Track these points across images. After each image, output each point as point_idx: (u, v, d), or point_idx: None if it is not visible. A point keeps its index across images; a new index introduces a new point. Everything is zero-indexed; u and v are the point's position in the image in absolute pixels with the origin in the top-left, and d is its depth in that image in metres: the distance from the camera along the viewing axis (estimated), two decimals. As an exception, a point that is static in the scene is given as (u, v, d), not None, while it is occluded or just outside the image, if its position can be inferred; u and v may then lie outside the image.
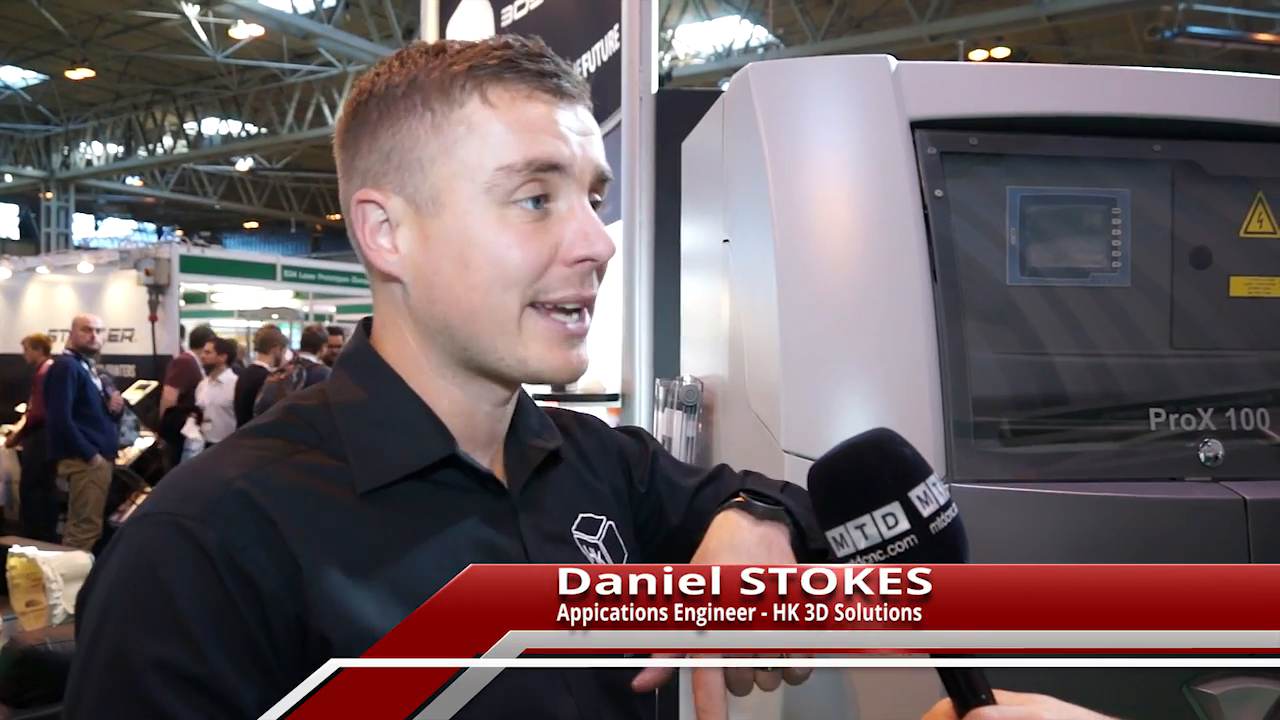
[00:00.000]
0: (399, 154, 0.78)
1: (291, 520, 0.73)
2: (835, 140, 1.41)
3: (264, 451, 0.77)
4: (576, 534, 0.92)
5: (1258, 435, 1.39)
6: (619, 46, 3.23)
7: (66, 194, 22.45)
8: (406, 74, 0.79)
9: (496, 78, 0.77)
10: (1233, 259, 1.44)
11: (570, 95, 0.80)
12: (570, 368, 0.81)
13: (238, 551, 0.70)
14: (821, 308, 1.35)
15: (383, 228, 0.80)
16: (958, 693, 0.70)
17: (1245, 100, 1.46)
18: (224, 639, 0.68)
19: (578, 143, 0.79)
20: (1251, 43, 12.16)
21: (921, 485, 0.72)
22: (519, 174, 0.76)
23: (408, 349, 0.82)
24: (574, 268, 0.79)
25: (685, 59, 14.74)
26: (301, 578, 0.72)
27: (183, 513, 0.71)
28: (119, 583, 0.70)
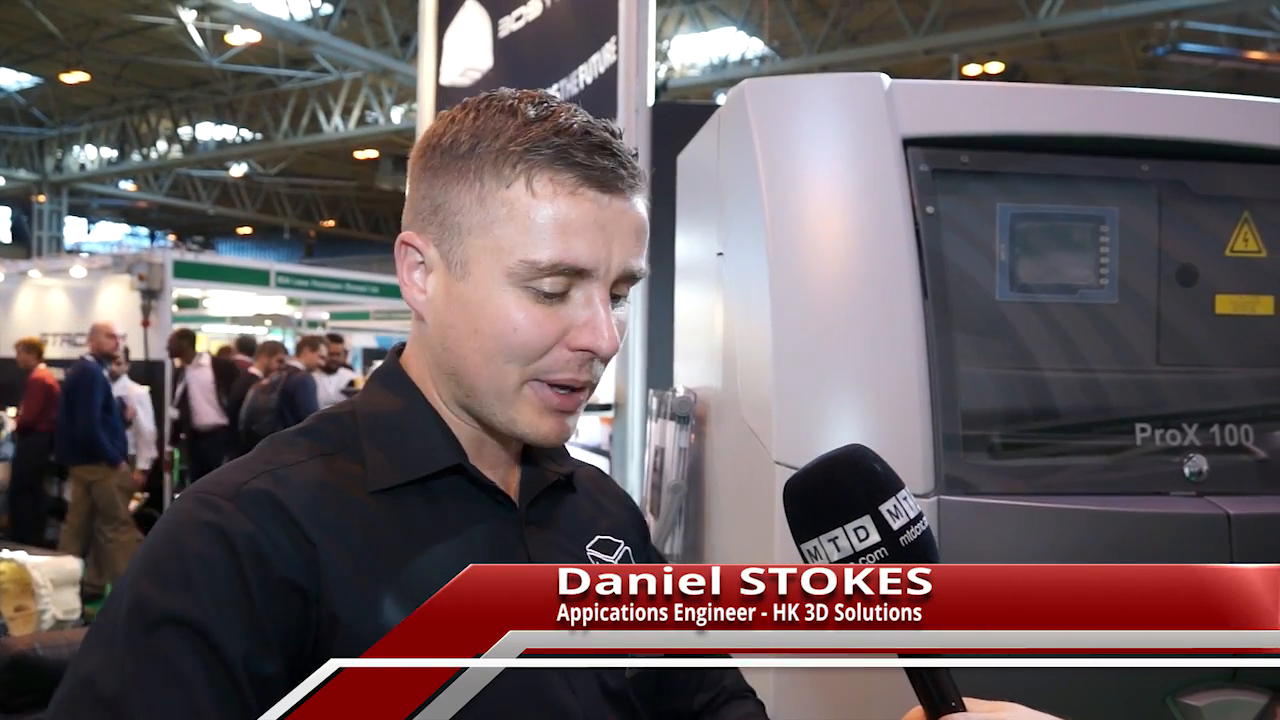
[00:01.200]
0: (445, 213, 0.83)
1: (309, 511, 0.78)
2: (829, 156, 1.43)
3: (292, 452, 0.84)
4: (592, 552, 0.95)
5: (1242, 451, 1.41)
6: (615, 59, 3.25)
7: (59, 197, 22.38)
8: (474, 131, 0.82)
9: (547, 166, 0.80)
10: (1218, 277, 1.46)
11: (619, 191, 0.82)
12: (555, 434, 0.85)
13: (257, 528, 0.76)
14: (814, 321, 1.37)
15: (419, 269, 0.86)
16: (928, 699, 0.71)
17: (1231, 121, 1.49)
18: (227, 599, 0.73)
19: (608, 245, 0.81)
20: (1244, 61, 12.26)
21: (892, 499, 0.74)
22: (541, 270, 0.80)
23: (427, 376, 0.89)
24: (575, 354, 0.83)
25: (681, 70, 14.79)
26: (318, 559, 0.77)
27: (214, 492, 0.78)
28: (151, 545, 0.78)
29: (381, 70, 14.37)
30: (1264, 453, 1.42)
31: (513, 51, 4.06)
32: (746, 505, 1.49)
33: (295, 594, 0.75)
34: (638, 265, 0.84)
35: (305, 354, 7.52)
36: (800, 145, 1.43)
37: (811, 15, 13.50)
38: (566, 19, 3.73)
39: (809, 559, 0.75)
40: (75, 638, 2.67)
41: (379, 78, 15.11)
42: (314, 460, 0.83)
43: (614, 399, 2.54)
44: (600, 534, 0.98)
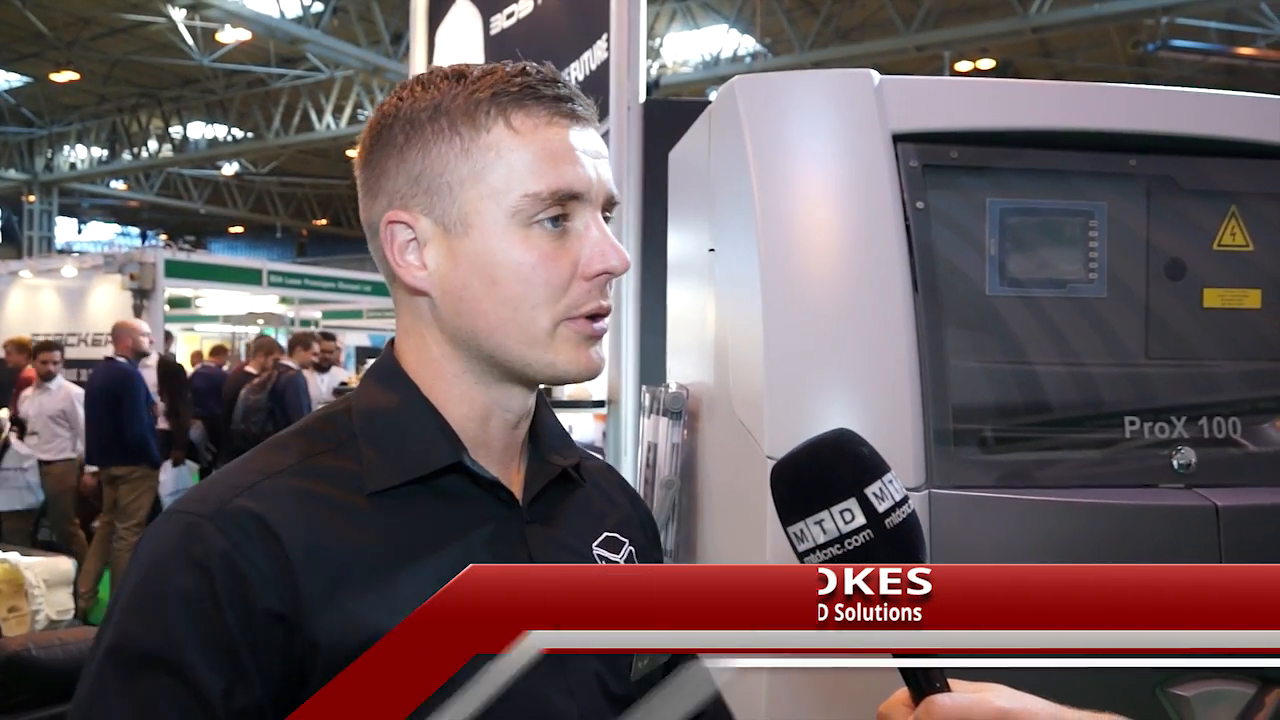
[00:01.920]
0: (428, 177, 0.82)
1: (295, 525, 0.77)
2: (819, 152, 1.43)
3: (284, 455, 0.83)
4: (598, 550, 0.94)
5: (1230, 443, 1.43)
6: (607, 56, 3.26)
7: (50, 197, 22.28)
8: (430, 99, 0.83)
9: (519, 104, 0.82)
10: (1206, 271, 1.47)
11: (583, 119, 0.85)
12: (593, 365, 0.85)
13: (238, 553, 0.75)
14: (805, 316, 1.37)
15: (410, 246, 0.84)
16: (913, 681, 0.73)
17: (1219, 117, 1.50)
18: (205, 637, 0.73)
19: (593, 167, 0.83)
20: (1233, 57, 12.30)
21: (878, 482, 0.75)
22: (543, 201, 0.81)
23: (429, 358, 0.87)
24: (593, 281, 0.83)
25: (673, 67, 14.79)
26: (298, 583, 0.76)
27: (198, 512, 0.77)
28: (134, 575, 0.77)
29: (373, 68, 14.35)
30: (1252, 445, 1.43)
31: (504, 49, 4.06)
32: (738, 500, 1.50)
33: (276, 623, 0.75)
34: (614, 189, 0.86)
35: (298, 352, 7.52)
36: (791, 141, 1.44)
37: (803, 12, 13.51)
38: (558, 16, 3.74)
39: (795, 542, 0.76)
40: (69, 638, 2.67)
41: (370, 76, 15.08)
42: (307, 462, 0.82)
43: (607, 395, 2.54)
44: (608, 531, 0.97)
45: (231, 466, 0.84)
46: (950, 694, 0.71)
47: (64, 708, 2.52)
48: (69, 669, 2.53)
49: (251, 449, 0.87)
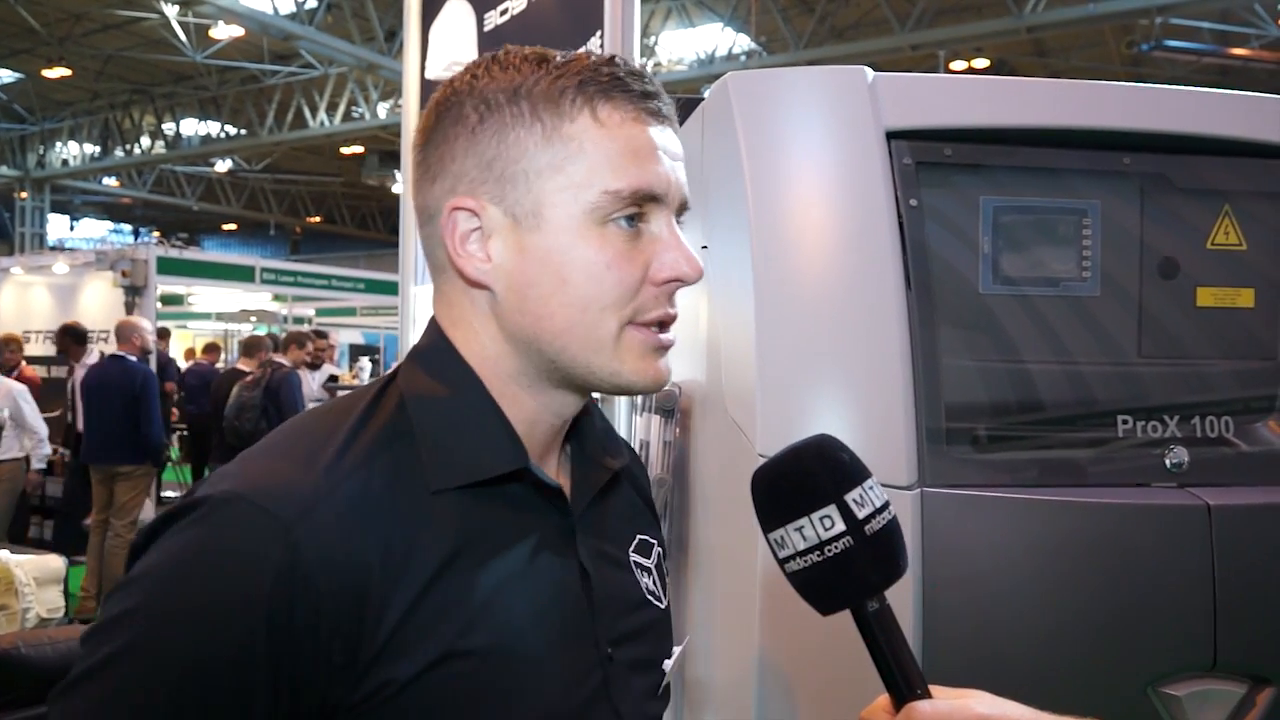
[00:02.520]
0: (503, 163, 0.78)
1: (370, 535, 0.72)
2: (812, 149, 1.43)
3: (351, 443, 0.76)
4: (633, 556, 0.92)
5: (1222, 442, 1.42)
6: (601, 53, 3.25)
7: (42, 194, 22.20)
8: (510, 80, 0.78)
9: (606, 95, 0.78)
10: (1199, 270, 1.47)
11: (666, 118, 0.81)
12: (659, 376, 0.82)
13: (316, 575, 0.69)
14: (797, 314, 1.37)
15: (474, 235, 0.79)
16: (894, 687, 0.73)
17: (1213, 115, 1.49)
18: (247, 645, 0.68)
19: (673, 169, 0.80)
20: (1227, 57, 12.34)
21: (858, 489, 0.74)
22: (623, 200, 0.77)
23: (484, 353, 0.82)
24: (662, 288, 0.80)
25: (668, 65, 14.78)
26: (370, 612, 0.71)
27: (276, 510, 0.70)
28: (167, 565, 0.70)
29: (367, 65, 14.32)
30: (1244, 444, 1.43)
31: (498, 46, 4.03)
32: (731, 498, 1.49)
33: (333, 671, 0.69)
34: (688, 193, 0.83)
35: (292, 351, 7.50)
36: (784, 138, 1.43)
37: (798, 11, 13.52)
38: (551, 13, 3.73)
39: (776, 548, 0.75)
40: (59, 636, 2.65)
41: (364, 73, 15.06)
42: (373, 454, 0.76)
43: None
44: (640, 533, 0.95)
45: (294, 450, 0.75)
46: (931, 700, 0.71)
47: (53, 706, 2.51)
48: (59, 667, 2.50)
49: (304, 424, 0.80)
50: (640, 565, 0.92)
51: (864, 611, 0.74)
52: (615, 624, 0.85)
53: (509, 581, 0.77)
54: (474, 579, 0.76)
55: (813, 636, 1.32)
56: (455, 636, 0.73)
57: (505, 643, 0.75)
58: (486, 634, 0.74)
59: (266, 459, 0.75)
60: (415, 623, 0.72)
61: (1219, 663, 1.31)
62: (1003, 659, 1.29)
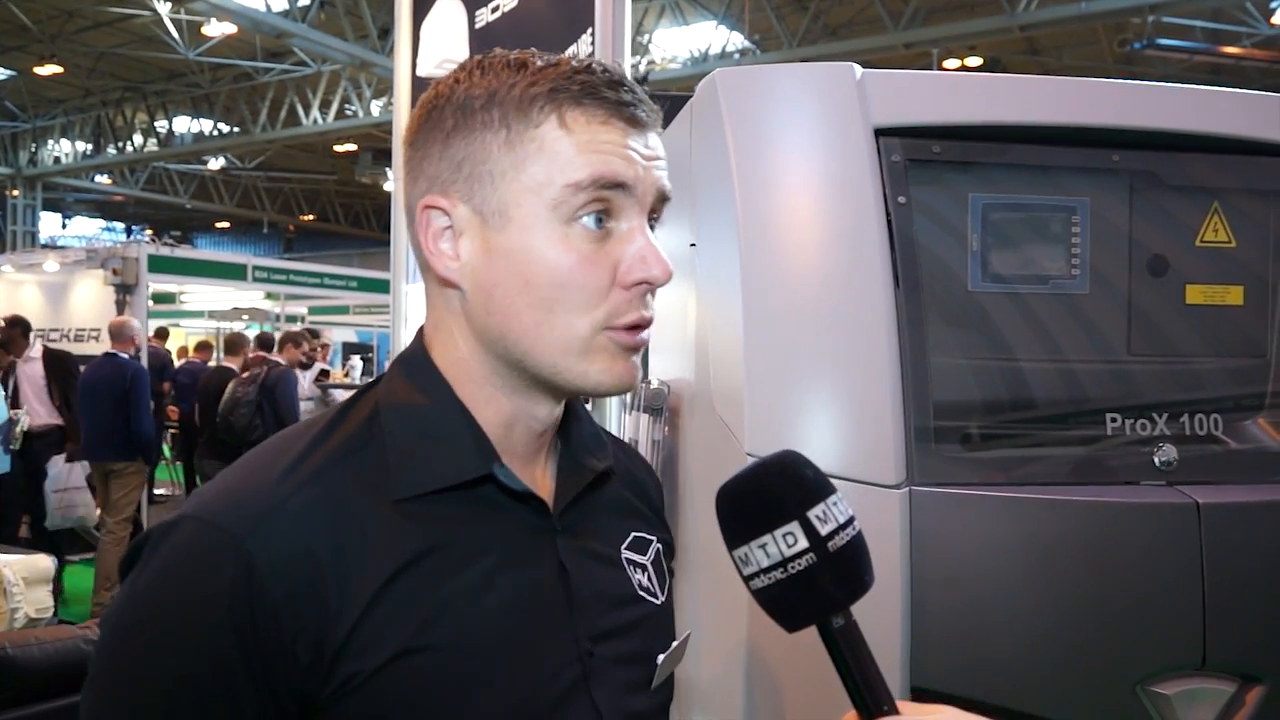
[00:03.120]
0: (470, 164, 0.79)
1: (328, 545, 0.74)
2: (801, 146, 1.42)
3: (313, 455, 0.79)
4: (626, 553, 0.93)
5: (1211, 440, 1.42)
6: (592, 50, 3.24)
7: (34, 192, 22.13)
8: (487, 86, 0.79)
9: (575, 102, 0.78)
10: (1189, 267, 1.47)
11: (643, 123, 0.80)
12: (629, 377, 0.82)
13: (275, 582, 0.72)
14: (785, 312, 1.36)
15: (446, 234, 0.80)
16: (861, 704, 0.72)
17: (1202, 112, 1.49)
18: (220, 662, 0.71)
19: (643, 164, 0.80)
20: (1219, 55, 12.36)
21: (821, 505, 0.74)
22: (584, 191, 0.77)
23: (458, 354, 0.83)
24: (632, 290, 0.79)
25: (662, 63, 14.77)
26: (330, 614, 0.73)
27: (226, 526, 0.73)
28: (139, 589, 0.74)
29: (360, 63, 14.28)
30: (1233, 442, 1.43)
31: (490, 43, 4.03)
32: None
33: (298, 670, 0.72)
34: (668, 185, 0.82)
35: (288, 350, 7.50)
36: (772, 135, 1.42)
37: (791, 9, 13.52)
38: (543, 11, 3.72)
39: (740, 565, 0.75)
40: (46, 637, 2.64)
41: (358, 70, 15.02)
42: (337, 465, 0.78)
43: (590, 392, 2.53)
44: (635, 531, 0.95)
45: (252, 465, 0.79)
46: (899, 716, 0.71)
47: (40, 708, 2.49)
48: (46, 669, 2.49)
49: (271, 441, 0.82)
50: (634, 562, 0.93)
51: (829, 628, 0.73)
52: (599, 620, 0.86)
53: (477, 582, 0.79)
54: (437, 579, 0.77)
55: (800, 636, 1.31)
56: (415, 633, 0.75)
57: (470, 638, 0.77)
58: (449, 630, 0.76)
59: (229, 477, 0.79)
60: (373, 620, 0.74)
61: (1208, 661, 1.31)
62: (992, 658, 1.29)
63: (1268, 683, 1.33)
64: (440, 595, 0.77)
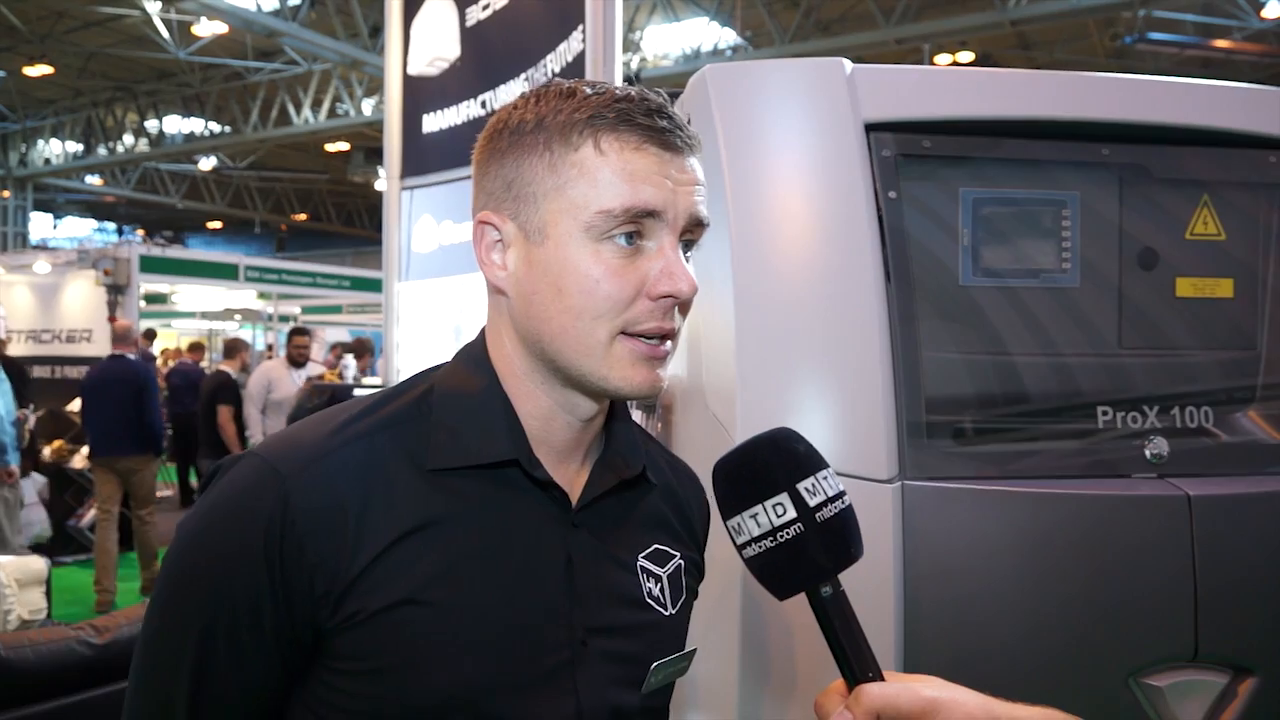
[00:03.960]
0: (519, 185, 0.87)
1: (359, 494, 0.85)
2: (791, 142, 1.42)
3: (368, 420, 0.90)
4: (643, 561, 0.98)
5: (1202, 433, 1.42)
6: (583, 48, 3.24)
7: (24, 192, 22.04)
8: (538, 113, 0.88)
9: (612, 129, 0.85)
10: (1179, 260, 1.47)
11: (678, 148, 0.86)
12: (650, 384, 0.88)
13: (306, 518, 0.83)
14: (777, 308, 1.36)
15: (496, 246, 0.90)
16: (848, 671, 0.76)
17: (1191, 106, 1.49)
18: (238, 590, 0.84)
19: (675, 190, 0.86)
20: (1210, 49, 12.40)
21: (811, 478, 0.78)
22: (616, 218, 0.84)
23: (504, 351, 0.92)
24: (658, 302, 0.85)
25: (654, 60, 14.76)
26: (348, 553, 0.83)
27: (280, 466, 0.85)
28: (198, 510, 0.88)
29: (351, 62, 14.25)
30: (1224, 435, 1.43)
31: (481, 41, 4.03)
32: (712, 494, 1.49)
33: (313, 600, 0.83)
34: (703, 211, 0.88)
35: (365, 359, 7.57)
36: (762, 131, 1.42)
37: (783, 6, 13.52)
38: (534, 8, 3.71)
39: (734, 535, 0.79)
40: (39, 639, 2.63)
41: (349, 69, 14.99)
42: (387, 431, 0.89)
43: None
44: (659, 544, 1.00)
45: (316, 421, 0.91)
46: (880, 683, 0.75)
47: (34, 709, 2.48)
48: (39, 670, 2.49)
49: (339, 405, 0.94)
50: (648, 571, 0.98)
51: (818, 596, 0.77)
52: (599, 614, 0.92)
53: (487, 553, 0.87)
54: (448, 544, 0.86)
55: (794, 634, 1.32)
56: (418, 586, 0.84)
57: (469, 603, 0.86)
58: (450, 591, 0.85)
59: (299, 427, 0.92)
60: (383, 567, 0.84)
61: (1200, 653, 1.31)
62: (984, 650, 1.29)
63: (1259, 674, 1.33)
64: (449, 557, 0.86)
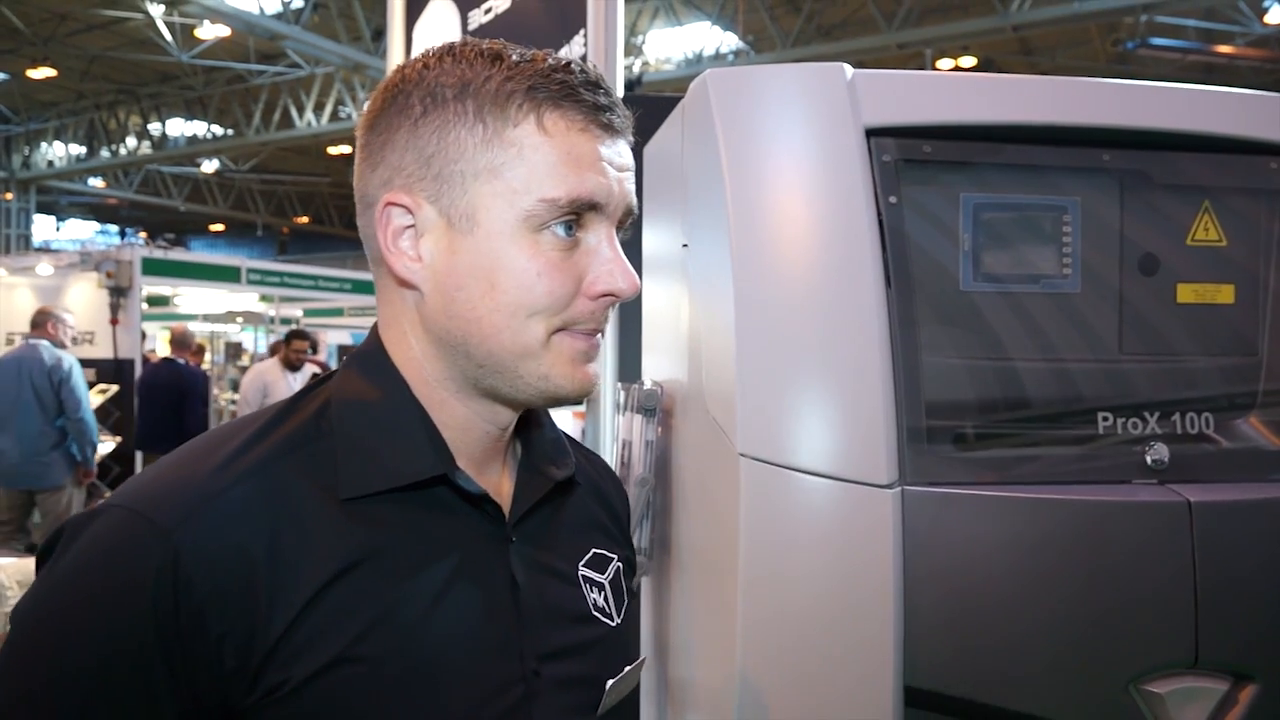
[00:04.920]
0: (441, 161, 0.75)
1: (263, 543, 0.71)
2: (792, 147, 1.42)
3: (255, 448, 0.75)
4: (584, 570, 0.90)
5: (1203, 439, 1.42)
6: (585, 51, 3.24)
7: (27, 195, 22.07)
8: (460, 75, 0.76)
9: (555, 104, 0.76)
10: (1180, 266, 1.47)
11: (617, 130, 0.80)
12: (589, 382, 0.80)
13: (200, 578, 0.68)
14: (777, 312, 1.36)
15: (407, 233, 0.77)
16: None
17: (1192, 111, 1.49)
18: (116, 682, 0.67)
19: (616, 180, 0.79)
20: (1211, 55, 12.40)
21: None
22: (560, 208, 0.75)
23: (411, 355, 0.80)
24: (597, 301, 0.78)
25: (656, 64, 14.78)
26: (259, 616, 0.69)
27: (153, 516, 0.69)
28: (44, 583, 0.71)
29: (354, 65, 14.27)
30: (1224, 441, 1.43)
31: (482, 45, 4.03)
32: (712, 497, 1.48)
33: (223, 677, 0.69)
34: (635, 201, 0.82)
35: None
36: (763, 135, 1.42)
37: (785, 10, 13.54)
38: (536, 12, 3.71)
39: None
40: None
41: (351, 72, 15.01)
42: (280, 459, 0.74)
43: (584, 393, 2.53)
44: (596, 548, 0.93)
45: (190, 454, 0.75)
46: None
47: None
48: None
49: (214, 431, 0.79)
50: (590, 580, 0.90)
51: None
52: (548, 638, 0.83)
53: (421, 591, 0.75)
54: (379, 585, 0.74)
55: (794, 637, 1.31)
56: (349, 642, 0.71)
57: (408, 651, 0.73)
58: (386, 642, 0.73)
59: (163, 466, 0.75)
60: (307, 627, 0.70)
61: (1201, 660, 1.31)
62: (984, 657, 1.28)
63: (1260, 681, 1.33)
64: (381, 603, 0.73)
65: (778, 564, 1.31)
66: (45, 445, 5.82)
